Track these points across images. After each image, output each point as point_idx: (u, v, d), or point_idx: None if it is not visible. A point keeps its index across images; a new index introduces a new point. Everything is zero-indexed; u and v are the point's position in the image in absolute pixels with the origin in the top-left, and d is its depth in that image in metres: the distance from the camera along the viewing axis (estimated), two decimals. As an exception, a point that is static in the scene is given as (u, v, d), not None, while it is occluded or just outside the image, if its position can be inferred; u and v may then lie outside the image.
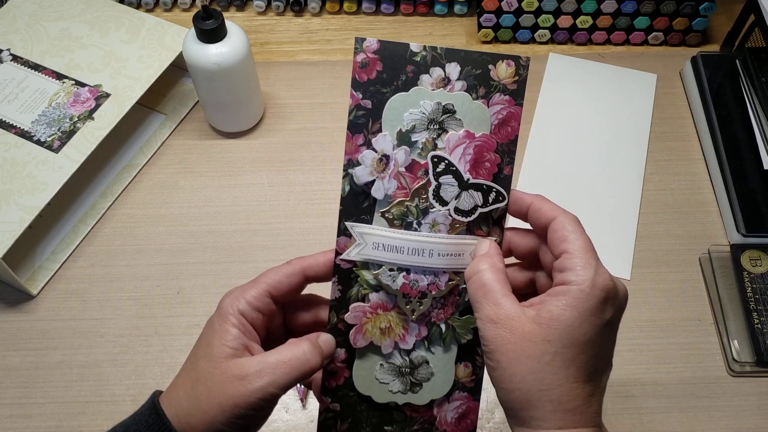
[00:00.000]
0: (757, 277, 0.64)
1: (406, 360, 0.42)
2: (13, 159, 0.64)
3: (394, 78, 0.39)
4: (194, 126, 0.76)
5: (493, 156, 0.40)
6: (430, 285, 0.40)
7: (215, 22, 0.65)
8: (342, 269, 0.41)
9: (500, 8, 0.80)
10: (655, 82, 0.79)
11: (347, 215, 0.40)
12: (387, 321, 0.41)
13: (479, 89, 0.39)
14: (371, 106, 0.40)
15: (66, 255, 0.67)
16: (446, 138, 0.39)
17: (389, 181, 0.40)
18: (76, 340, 0.62)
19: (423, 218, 0.40)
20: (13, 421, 0.58)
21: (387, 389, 0.42)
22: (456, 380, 0.42)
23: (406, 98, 0.39)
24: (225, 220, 0.70)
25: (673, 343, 0.62)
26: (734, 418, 0.58)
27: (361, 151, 0.39)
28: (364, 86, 0.40)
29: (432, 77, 0.39)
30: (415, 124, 0.39)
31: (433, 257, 0.40)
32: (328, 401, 0.42)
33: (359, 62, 0.39)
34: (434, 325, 0.41)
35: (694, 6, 0.79)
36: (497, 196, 0.40)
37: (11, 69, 0.70)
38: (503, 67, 0.39)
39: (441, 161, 0.39)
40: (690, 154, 0.74)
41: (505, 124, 0.40)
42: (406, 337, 0.41)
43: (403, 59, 0.39)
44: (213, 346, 0.39)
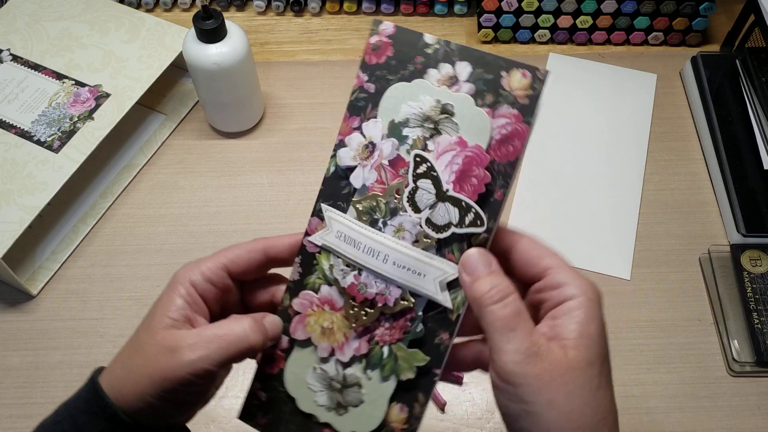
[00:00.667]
0: (757, 277, 0.64)
1: (340, 374, 0.38)
2: (13, 159, 0.64)
3: (402, 67, 0.37)
4: (194, 126, 0.76)
5: (482, 172, 0.35)
6: (378, 295, 0.37)
7: (215, 22, 0.65)
8: (307, 251, 0.39)
9: (500, 8, 0.80)
10: (655, 82, 0.79)
11: (325, 197, 0.38)
12: (331, 321, 0.38)
13: (486, 96, 0.35)
14: (374, 90, 0.37)
15: (66, 255, 0.67)
16: (438, 140, 0.36)
17: (370, 171, 0.37)
18: (76, 340, 0.62)
19: (390, 219, 0.36)
20: (13, 421, 0.58)
21: (313, 398, 0.39)
22: (386, 422, 0.37)
23: (407, 89, 0.37)
24: (225, 220, 0.70)
25: (673, 343, 0.62)
26: (734, 418, 0.58)
27: (354, 133, 0.38)
28: (371, 69, 0.37)
29: (440, 73, 0.36)
30: (409, 117, 0.36)
31: (387, 264, 0.36)
32: (257, 387, 0.40)
33: (372, 44, 0.37)
34: (377, 345, 0.38)
35: (694, 6, 0.79)
36: (475, 218, 0.35)
37: (11, 69, 0.70)
38: (517, 76, 0.35)
39: (423, 162, 0.36)
40: (690, 154, 0.74)
41: (506, 142, 0.35)
42: (344, 347, 0.38)
43: (414, 49, 0.37)
44: (155, 316, 0.37)
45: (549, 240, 0.70)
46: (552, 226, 0.69)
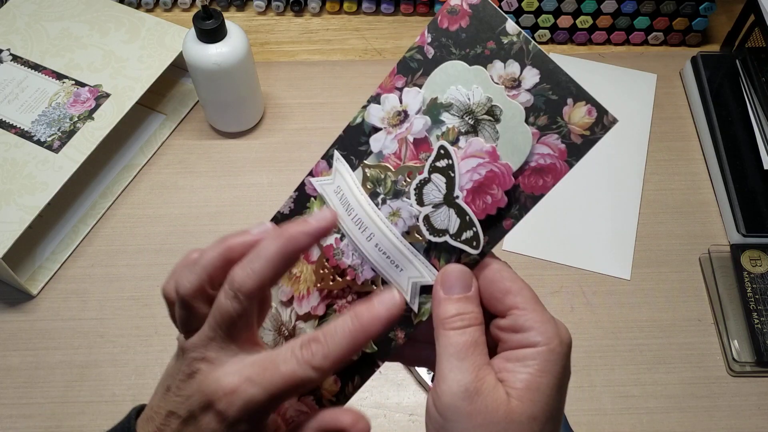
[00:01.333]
0: (757, 277, 0.64)
1: (291, 323, 0.37)
2: (13, 159, 0.64)
3: (470, 45, 0.33)
4: (194, 126, 0.76)
5: (500, 194, 0.32)
6: (350, 268, 0.35)
7: (215, 22, 0.65)
8: (304, 190, 0.38)
9: (500, 8, 0.80)
10: (655, 82, 0.79)
11: (341, 145, 0.36)
12: (300, 270, 0.37)
13: (540, 116, 0.32)
14: (431, 57, 0.34)
15: (66, 255, 0.67)
16: (471, 140, 0.32)
17: (392, 140, 0.34)
18: (76, 340, 0.62)
19: (391, 199, 0.34)
20: (14, 421, 0.58)
21: (260, 334, 0.37)
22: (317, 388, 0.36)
23: (464, 72, 0.33)
24: (225, 220, 0.69)
25: (673, 343, 0.62)
26: (734, 418, 0.58)
27: (392, 93, 0.35)
28: (438, 32, 0.34)
29: (505, 69, 0.32)
30: (453, 103, 0.33)
31: (370, 243, 0.34)
32: None
33: (450, 6, 0.33)
34: (334, 312, 0.36)
35: (694, 6, 0.79)
36: (472, 238, 0.32)
37: (11, 69, 0.70)
38: (581, 111, 0.31)
39: (445, 158, 0.33)
40: (690, 154, 0.74)
41: (540, 174, 0.32)
42: (303, 300, 0.37)
43: (491, 31, 0.33)
44: None
45: (549, 240, 0.70)
46: (552, 226, 0.69)
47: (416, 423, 0.58)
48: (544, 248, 0.67)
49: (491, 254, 0.33)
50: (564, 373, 0.31)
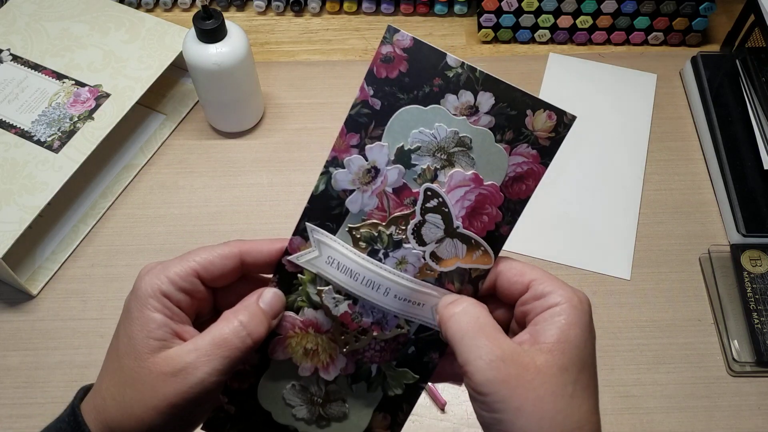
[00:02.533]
0: (757, 277, 0.64)
1: (322, 390, 0.37)
2: (13, 159, 0.64)
3: (417, 86, 0.34)
4: (194, 126, 0.76)
5: (494, 211, 0.34)
6: (374, 324, 0.36)
7: (215, 22, 0.65)
8: (286, 271, 0.36)
9: (500, 8, 0.80)
10: (655, 82, 0.79)
11: (312, 216, 0.36)
12: (315, 343, 0.36)
13: (506, 132, 0.34)
14: (379, 107, 0.34)
15: (66, 255, 0.67)
16: (450, 173, 0.34)
17: (370, 197, 0.35)
18: (76, 340, 0.62)
19: (392, 251, 0.35)
20: (14, 421, 0.58)
21: (291, 412, 0.37)
22: (369, 429, 0.37)
23: (422, 114, 0.34)
24: (225, 220, 0.70)
25: (673, 343, 0.62)
26: (734, 418, 0.58)
27: (351, 153, 0.35)
28: (379, 83, 0.34)
29: (459, 100, 0.34)
30: (421, 145, 0.34)
31: (388, 297, 0.35)
32: (225, 401, 0.38)
33: (383, 55, 0.34)
34: (365, 365, 0.37)
35: (694, 6, 0.79)
36: (483, 257, 0.35)
37: (11, 69, 0.70)
38: (542, 118, 0.34)
39: (434, 197, 0.34)
40: (690, 154, 0.74)
41: (520, 181, 0.34)
42: (329, 367, 0.37)
43: (434, 69, 0.34)
44: (135, 339, 0.33)
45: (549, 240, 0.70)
46: (552, 226, 0.69)
47: (416, 423, 0.58)
48: (544, 248, 0.67)
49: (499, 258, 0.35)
50: (590, 328, 0.32)
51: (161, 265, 0.35)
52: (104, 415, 0.34)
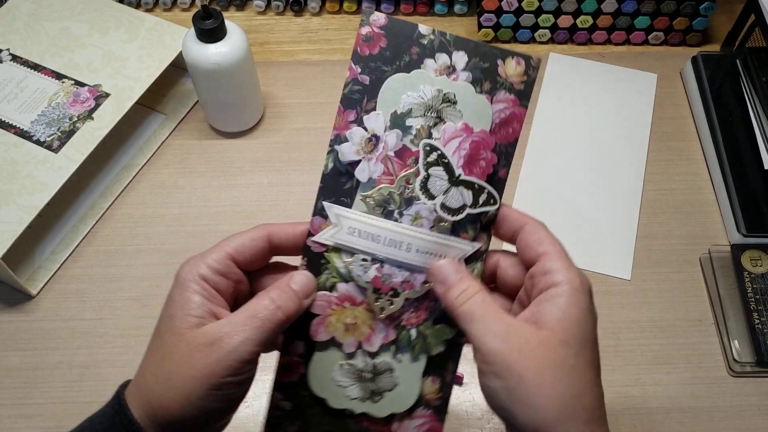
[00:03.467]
0: (758, 277, 0.64)
1: (369, 364, 0.38)
2: (12, 159, 0.64)
3: (397, 57, 0.37)
4: (194, 126, 0.76)
5: (489, 155, 0.37)
6: (404, 283, 0.38)
7: (215, 21, 0.65)
8: (312, 252, 0.38)
9: (500, 8, 0.80)
10: (655, 82, 0.79)
11: (326, 194, 0.38)
12: (353, 316, 0.38)
13: (484, 83, 0.37)
14: (368, 82, 0.37)
15: (65, 255, 0.67)
16: (443, 128, 0.37)
17: (376, 163, 0.37)
18: (76, 341, 0.62)
19: (406, 209, 0.37)
20: (13, 422, 0.58)
21: (344, 393, 0.38)
22: (421, 396, 0.39)
23: (407, 80, 0.37)
24: (225, 220, 0.69)
25: (673, 344, 0.62)
26: (735, 419, 0.58)
27: (350, 128, 0.37)
28: (364, 60, 0.37)
29: (437, 63, 0.37)
30: (412, 108, 0.37)
31: (411, 252, 0.37)
32: (279, 398, 0.39)
33: (363, 35, 0.37)
34: (404, 329, 0.38)
35: (694, 6, 0.79)
36: (488, 198, 0.37)
37: (11, 69, 0.70)
38: (512, 65, 0.37)
39: (433, 151, 0.37)
40: (690, 154, 0.74)
41: (506, 125, 0.38)
42: (371, 338, 0.38)
43: (409, 39, 0.37)
44: (175, 318, 0.35)
45: (549, 240, 0.70)
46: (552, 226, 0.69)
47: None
48: (544, 248, 0.67)
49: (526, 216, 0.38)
50: (590, 308, 0.35)
51: (199, 255, 0.37)
52: (145, 391, 0.35)
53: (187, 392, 0.34)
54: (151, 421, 0.35)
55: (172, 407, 0.34)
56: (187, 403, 0.34)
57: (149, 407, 0.35)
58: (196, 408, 0.34)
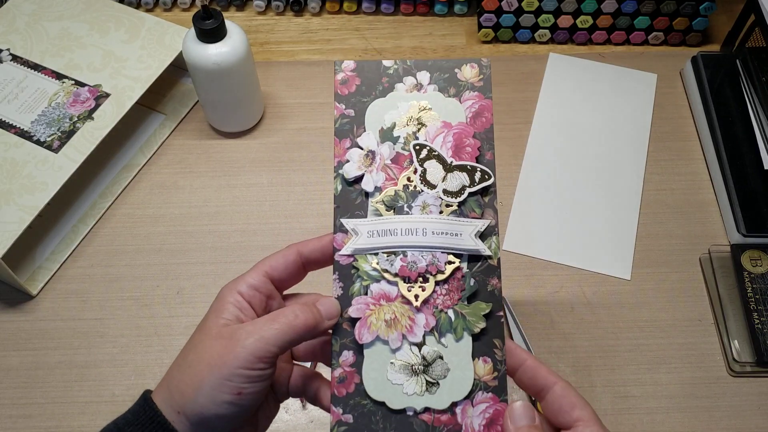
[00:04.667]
0: (758, 277, 0.64)
1: (418, 356, 0.40)
2: (12, 159, 0.64)
3: (372, 89, 0.44)
4: (194, 126, 0.76)
5: (472, 141, 0.42)
6: (429, 266, 0.40)
7: (215, 21, 0.65)
8: (342, 265, 0.41)
9: (500, 8, 0.80)
10: (655, 82, 0.79)
11: (342, 212, 0.42)
12: (391, 311, 0.40)
13: (450, 89, 0.44)
14: (354, 114, 0.44)
15: (66, 255, 0.67)
16: (425, 131, 0.43)
17: (377, 173, 0.42)
18: (76, 341, 0.62)
19: (413, 201, 0.41)
20: (13, 422, 0.58)
21: (401, 391, 0.40)
22: (477, 379, 0.40)
23: (385, 102, 0.44)
24: (225, 220, 0.69)
25: (673, 343, 0.62)
26: (734, 419, 0.58)
27: (349, 150, 0.43)
28: (345, 99, 0.44)
29: (406, 84, 0.44)
30: (395, 121, 0.43)
31: (427, 236, 0.41)
32: (339, 412, 0.40)
33: (339, 80, 0.44)
34: (442, 312, 0.40)
35: (694, 6, 0.79)
36: (483, 175, 0.42)
37: (11, 69, 0.70)
38: (468, 69, 0.44)
39: (423, 148, 0.42)
40: (690, 154, 0.74)
41: (479, 116, 0.43)
42: (413, 328, 0.40)
43: (377, 73, 0.44)
44: (208, 320, 0.39)
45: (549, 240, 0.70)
46: (552, 225, 0.69)
47: None
48: (544, 248, 0.67)
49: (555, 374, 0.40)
50: None
51: (240, 276, 0.41)
52: (167, 380, 0.38)
53: (200, 378, 0.36)
54: (171, 408, 0.37)
55: (187, 392, 0.37)
56: (199, 389, 0.36)
57: (169, 393, 0.38)
58: (207, 396, 0.36)
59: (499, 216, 0.42)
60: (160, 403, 0.38)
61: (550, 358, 0.61)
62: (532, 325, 0.63)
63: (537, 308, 0.64)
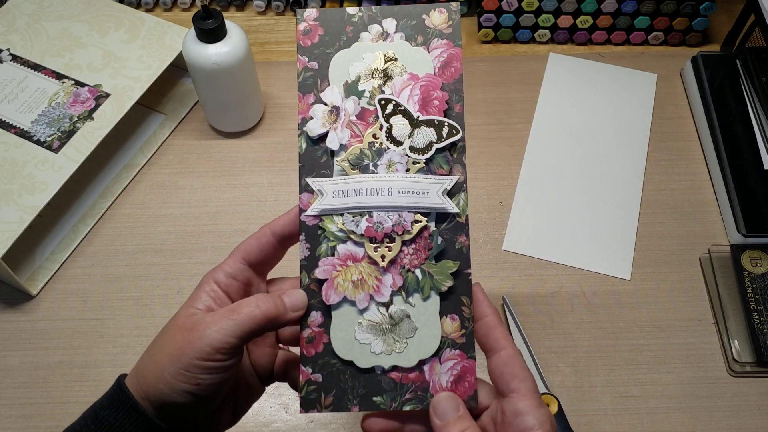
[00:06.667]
0: (758, 277, 0.64)
1: (386, 315, 0.40)
2: (12, 159, 0.64)
3: (336, 39, 0.42)
4: (194, 126, 0.76)
5: (440, 93, 0.41)
6: (396, 226, 0.40)
7: (215, 21, 0.65)
8: (308, 226, 0.41)
9: (500, 8, 0.80)
10: (655, 82, 0.79)
11: (307, 172, 0.41)
12: (358, 272, 0.40)
13: (417, 37, 0.41)
14: (317, 66, 0.42)
15: (66, 255, 0.67)
16: (392, 83, 0.41)
17: (342, 130, 0.41)
18: (76, 340, 0.62)
19: (378, 159, 0.40)
20: (13, 422, 0.58)
21: (369, 350, 0.40)
22: (444, 337, 0.40)
23: (349, 53, 0.41)
24: (225, 219, 0.69)
25: (673, 343, 0.62)
26: (734, 419, 0.58)
27: (313, 106, 0.41)
28: (308, 50, 0.42)
29: (371, 33, 0.42)
30: (360, 74, 0.41)
31: (393, 195, 0.40)
32: (308, 372, 0.40)
33: (302, 30, 0.42)
34: (409, 272, 0.40)
35: (694, 6, 0.79)
36: (450, 129, 0.40)
37: (11, 69, 0.70)
38: (436, 15, 0.42)
39: (388, 103, 0.40)
40: (690, 154, 0.74)
41: (448, 66, 0.41)
42: (380, 288, 0.40)
43: (341, 22, 0.42)
44: (180, 311, 0.40)
45: (549, 240, 0.70)
46: (552, 225, 0.69)
47: None
48: (544, 248, 0.67)
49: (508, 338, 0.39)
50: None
51: (219, 264, 0.41)
52: (137, 368, 0.39)
53: (160, 366, 0.37)
54: (138, 393, 0.38)
55: (149, 379, 0.38)
56: (159, 377, 0.37)
57: (136, 379, 0.39)
58: (167, 384, 0.37)
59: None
60: (131, 386, 0.39)
61: (550, 358, 0.61)
62: (532, 325, 0.63)
63: (537, 308, 0.64)
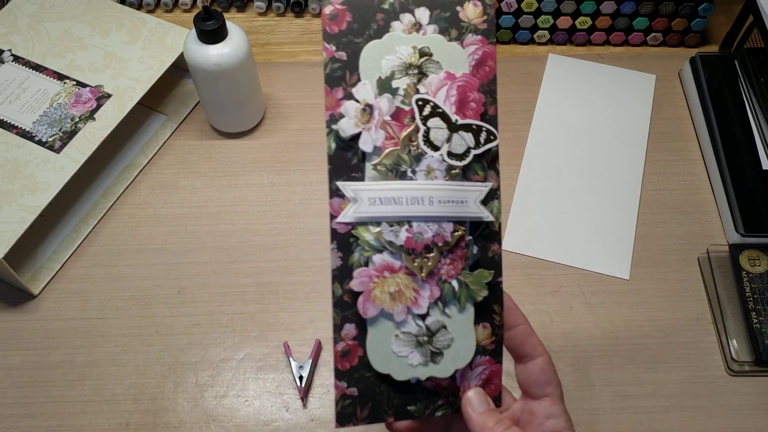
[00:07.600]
0: (756, 276, 0.64)
1: (423, 327, 0.39)
2: (14, 159, 0.65)
3: (366, 27, 0.38)
4: (195, 126, 0.76)
5: (477, 95, 0.39)
6: (436, 236, 0.38)
7: (216, 22, 0.65)
8: (340, 234, 0.38)
9: (499, 9, 0.81)
10: (654, 83, 0.80)
11: (337, 174, 0.38)
12: (396, 284, 0.39)
13: (451, 31, 0.39)
14: (346, 57, 0.38)
15: (67, 255, 0.67)
16: (427, 81, 0.38)
17: (376, 131, 0.38)
18: (78, 340, 0.62)
19: (417, 165, 0.38)
20: (15, 421, 0.58)
21: (406, 363, 0.39)
22: (477, 344, 0.40)
23: (381, 45, 0.38)
24: (226, 220, 0.70)
25: (672, 343, 0.62)
26: (733, 418, 0.58)
27: (342, 105, 0.38)
28: (336, 38, 0.38)
29: (403, 23, 0.39)
30: (393, 70, 0.38)
31: (433, 205, 0.38)
32: (343, 386, 0.39)
33: (328, 14, 0.38)
34: (446, 283, 0.39)
35: (692, 7, 0.79)
36: (488, 135, 0.39)
37: (13, 69, 0.71)
38: (471, 8, 0.39)
39: (426, 104, 0.38)
40: (689, 155, 0.74)
41: (482, 64, 0.39)
42: (418, 300, 0.39)
43: (371, 8, 0.39)
44: None
45: (548, 240, 0.70)
46: (551, 226, 0.69)
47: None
48: (543, 248, 0.68)
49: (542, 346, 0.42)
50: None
51: None
52: None
53: None
54: None
55: None
56: None
57: None
58: None
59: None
60: None
61: (549, 358, 0.61)
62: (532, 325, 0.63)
63: (537, 308, 0.64)
